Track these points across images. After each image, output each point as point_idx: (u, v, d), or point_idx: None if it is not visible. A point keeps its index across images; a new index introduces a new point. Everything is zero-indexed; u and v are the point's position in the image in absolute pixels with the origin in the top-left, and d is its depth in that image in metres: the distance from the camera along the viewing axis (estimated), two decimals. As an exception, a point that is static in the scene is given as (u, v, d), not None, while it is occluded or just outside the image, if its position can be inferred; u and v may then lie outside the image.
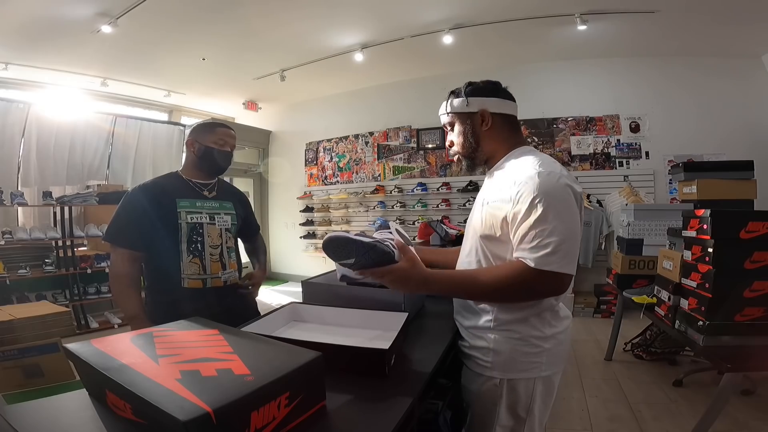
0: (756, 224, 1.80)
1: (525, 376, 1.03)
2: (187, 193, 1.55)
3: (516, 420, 1.06)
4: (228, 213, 1.62)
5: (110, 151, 4.99)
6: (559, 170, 0.99)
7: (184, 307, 1.34)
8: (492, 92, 1.10)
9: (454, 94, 1.12)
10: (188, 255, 1.49)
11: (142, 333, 0.79)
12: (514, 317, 1.03)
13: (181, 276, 1.48)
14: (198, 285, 1.50)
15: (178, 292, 1.47)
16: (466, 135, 1.11)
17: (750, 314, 1.79)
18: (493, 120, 1.09)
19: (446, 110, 1.14)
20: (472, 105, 1.09)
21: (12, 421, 0.61)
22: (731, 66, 4.39)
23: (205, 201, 1.57)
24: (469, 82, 1.11)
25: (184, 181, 1.58)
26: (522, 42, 4.37)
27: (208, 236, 1.54)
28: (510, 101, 1.11)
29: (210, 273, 1.52)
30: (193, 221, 1.51)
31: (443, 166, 5.48)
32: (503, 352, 1.03)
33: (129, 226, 1.47)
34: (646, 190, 4.53)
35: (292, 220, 6.58)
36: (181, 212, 1.50)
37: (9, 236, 3.75)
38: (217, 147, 1.57)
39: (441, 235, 2.70)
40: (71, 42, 3.90)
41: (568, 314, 1.10)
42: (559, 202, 0.93)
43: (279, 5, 3.57)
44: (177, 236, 1.48)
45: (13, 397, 2.39)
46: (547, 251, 0.91)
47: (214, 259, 1.54)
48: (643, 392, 2.57)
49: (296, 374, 0.65)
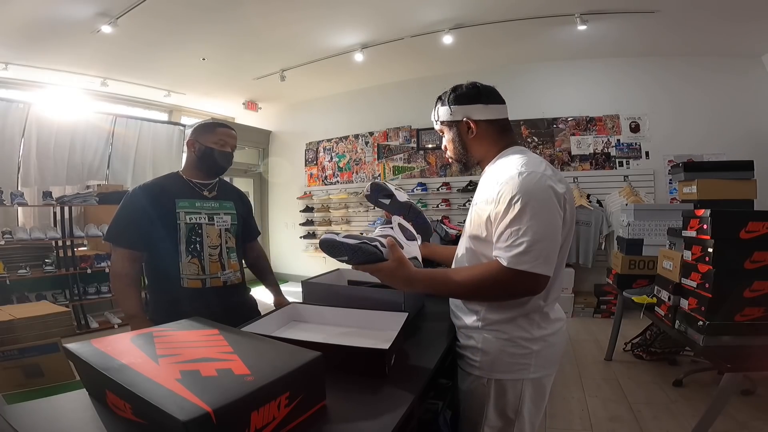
0: (756, 224, 1.80)
1: (513, 377, 1.03)
2: (186, 193, 1.54)
3: (505, 421, 1.06)
4: (228, 213, 1.61)
5: (110, 151, 4.99)
6: (542, 170, 0.97)
7: (184, 307, 1.34)
8: (474, 99, 1.08)
9: (441, 101, 1.13)
10: (187, 255, 1.49)
11: (142, 333, 0.79)
12: (501, 317, 1.03)
13: (180, 276, 1.48)
14: (197, 285, 1.50)
15: (177, 292, 1.48)
16: (455, 143, 1.12)
17: (750, 314, 1.79)
18: (478, 127, 1.08)
19: (434, 118, 1.16)
20: (456, 114, 1.09)
21: (12, 421, 0.61)
22: (731, 66, 4.38)
23: (205, 201, 1.57)
24: (454, 88, 1.11)
25: (184, 181, 1.58)
26: (522, 42, 4.37)
27: (207, 236, 1.53)
28: (495, 105, 1.09)
29: (209, 273, 1.52)
30: (192, 222, 1.51)
31: (443, 166, 5.48)
32: (491, 352, 1.03)
33: (129, 226, 1.47)
34: (646, 190, 4.52)
35: (292, 220, 6.58)
36: (180, 212, 1.50)
37: (9, 236, 3.75)
38: (218, 147, 1.57)
39: (441, 235, 2.70)
40: (71, 42, 3.90)
41: (560, 316, 1.09)
42: (537, 202, 0.93)
43: (279, 5, 3.56)
44: (176, 236, 1.48)
45: (13, 397, 2.40)
46: (520, 250, 0.91)
47: (213, 260, 1.53)
48: (643, 392, 2.56)
49: (296, 374, 0.65)
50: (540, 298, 1.02)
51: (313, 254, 6.30)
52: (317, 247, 6.28)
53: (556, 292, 1.07)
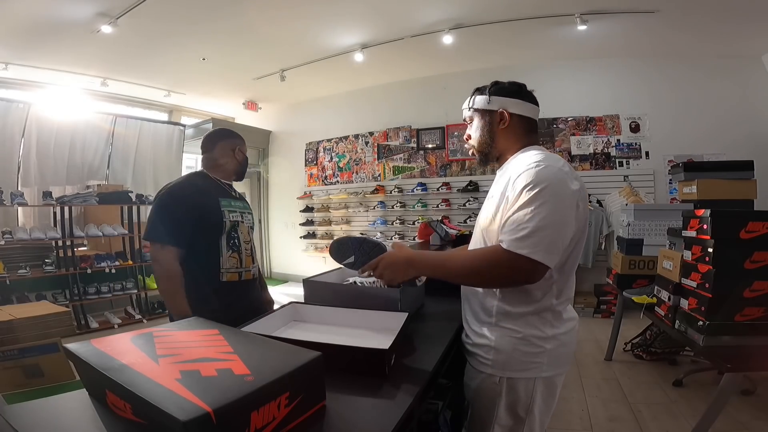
0: (756, 224, 1.80)
1: (525, 376, 1.03)
2: (224, 193, 1.67)
3: (515, 420, 1.06)
4: (249, 212, 1.76)
5: (110, 151, 4.99)
6: (560, 166, 0.99)
7: (221, 301, 1.49)
8: (515, 93, 1.12)
9: (479, 91, 1.15)
10: (228, 250, 1.59)
11: (142, 333, 0.79)
12: (514, 316, 1.03)
13: (221, 270, 1.57)
14: (235, 278, 1.61)
15: (216, 286, 1.56)
16: (483, 131, 1.14)
17: (750, 314, 1.79)
18: (511, 120, 1.11)
19: (468, 105, 1.17)
20: (494, 103, 1.11)
21: (12, 421, 0.61)
22: (731, 66, 4.38)
23: (236, 201, 1.70)
24: (495, 82, 1.14)
25: (218, 181, 1.69)
26: (522, 42, 4.37)
27: (241, 233, 1.65)
28: (531, 104, 1.13)
29: (245, 267, 1.64)
30: (234, 219, 1.63)
31: (443, 166, 5.48)
32: (504, 350, 1.04)
33: (176, 225, 1.50)
34: (646, 190, 4.53)
35: (292, 220, 6.58)
36: (225, 211, 1.60)
37: (9, 236, 3.75)
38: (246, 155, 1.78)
39: (441, 235, 2.71)
40: (71, 42, 3.90)
41: (573, 316, 1.10)
42: (548, 191, 0.93)
43: (279, 5, 3.56)
44: (220, 233, 1.57)
45: (13, 397, 2.40)
46: (522, 234, 0.91)
47: (247, 254, 1.66)
48: (643, 392, 2.57)
49: (296, 374, 0.65)
50: (552, 296, 1.02)
51: (313, 254, 6.31)
52: (317, 247, 6.29)
53: (569, 291, 1.07)
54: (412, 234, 5.44)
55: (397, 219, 5.65)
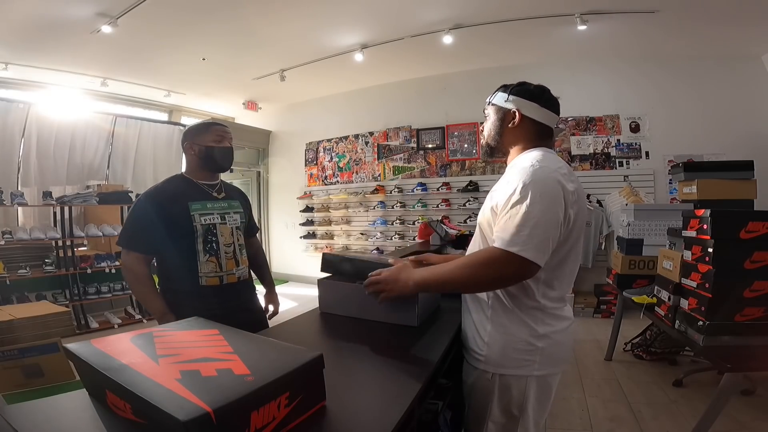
0: (756, 224, 1.80)
1: (517, 373, 1.04)
2: (197, 195, 1.59)
3: (509, 417, 1.06)
4: (236, 212, 1.67)
5: (110, 151, 4.99)
6: (556, 167, 1.01)
7: (202, 305, 1.43)
8: (534, 97, 1.12)
9: (504, 87, 1.17)
10: (205, 254, 1.55)
11: (143, 333, 0.79)
12: (508, 313, 1.04)
13: (199, 275, 1.54)
14: (215, 282, 1.56)
15: (196, 290, 1.53)
16: (493, 126, 1.18)
17: (750, 314, 1.79)
18: (522, 121, 1.12)
19: (488, 100, 1.20)
20: (510, 102, 1.13)
21: (12, 421, 0.61)
22: (731, 66, 4.38)
23: (216, 202, 1.62)
24: (522, 82, 1.16)
25: (193, 183, 1.62)
26: (522, 42, 4.37)
27: (221, 235, 1.59)
28: (548, 111, 1.12)
29: (225, 270, 1.58)
30: (207, 222, 1.56)
31: (443, 166, 5.48)
32: (496, 346, 1.05)
33: (143, 231, 1.51)
34: (646, 190, 4.52)
35: (292, 220, 6.58)
36: (195, 215, 1.54)
37: (9, 236, 3.75)
38: (216, 144, 1.61)
39: (441, 235, 2.71)
40: (71, 42, 3.90)
41: (567, 315, 1.10)
42: (540, 191, 0.95)
43: (279, 5, 3.56)
44: (193, 238, 1.53)
45: (13, 397, 2.40)
46: (512, 232, 0.94)
47: (228, 257, 1.60)
48: (643, 392, 2.57)
49: (296, 374, 0.65)
50: (546, 296, 1.03)
51: (313, 254, 6.30)
52: (317, 247, 6.29)
53: (562, 290, 1.07)
54: (412, 234, 5.44)
55: (397, 219, 5.65)
